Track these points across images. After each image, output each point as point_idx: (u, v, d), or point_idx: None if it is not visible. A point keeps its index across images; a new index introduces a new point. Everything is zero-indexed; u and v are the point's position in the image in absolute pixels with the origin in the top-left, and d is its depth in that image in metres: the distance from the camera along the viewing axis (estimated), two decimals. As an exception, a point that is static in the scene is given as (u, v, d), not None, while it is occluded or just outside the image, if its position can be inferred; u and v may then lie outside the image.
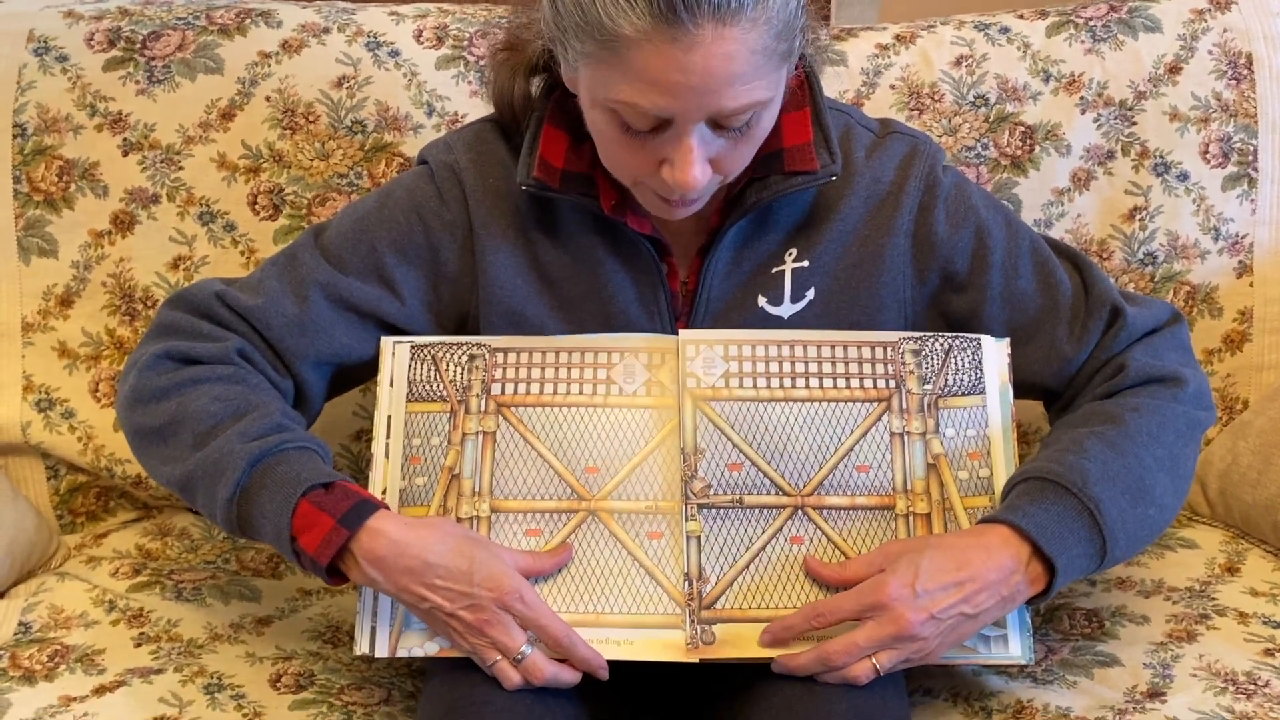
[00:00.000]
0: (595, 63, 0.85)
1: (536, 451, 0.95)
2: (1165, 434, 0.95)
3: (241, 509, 0.90)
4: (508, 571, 0.88)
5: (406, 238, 1.01)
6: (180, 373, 0.96)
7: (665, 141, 0.87)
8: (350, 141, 1.24)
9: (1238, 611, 1.09)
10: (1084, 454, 0.92)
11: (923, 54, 1.29)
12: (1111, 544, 0.90)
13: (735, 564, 0.93)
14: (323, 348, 0.99)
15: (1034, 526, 0.88)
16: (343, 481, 0.90)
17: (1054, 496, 0.90)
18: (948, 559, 0.87)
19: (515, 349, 0.98)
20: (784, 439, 0.95)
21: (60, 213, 1.25)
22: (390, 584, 0.88)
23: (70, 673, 1.02)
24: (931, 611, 0.86)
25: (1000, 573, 0.88)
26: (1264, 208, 1.31)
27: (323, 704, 0.99)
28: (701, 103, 0.84)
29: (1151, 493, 0.93)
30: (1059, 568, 0.88)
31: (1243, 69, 1.30)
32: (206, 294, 1.00)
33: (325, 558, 0.88)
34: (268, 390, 0.97)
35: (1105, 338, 1.01)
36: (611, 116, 0.87)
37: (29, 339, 1.25)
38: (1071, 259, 1.04)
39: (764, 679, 0.90)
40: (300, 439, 0.93)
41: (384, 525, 0.88)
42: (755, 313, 1.00)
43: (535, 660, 0.88)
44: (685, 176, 0.86)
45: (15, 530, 1.15)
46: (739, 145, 0.89)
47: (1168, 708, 0.95)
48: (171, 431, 0.94)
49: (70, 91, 1.24)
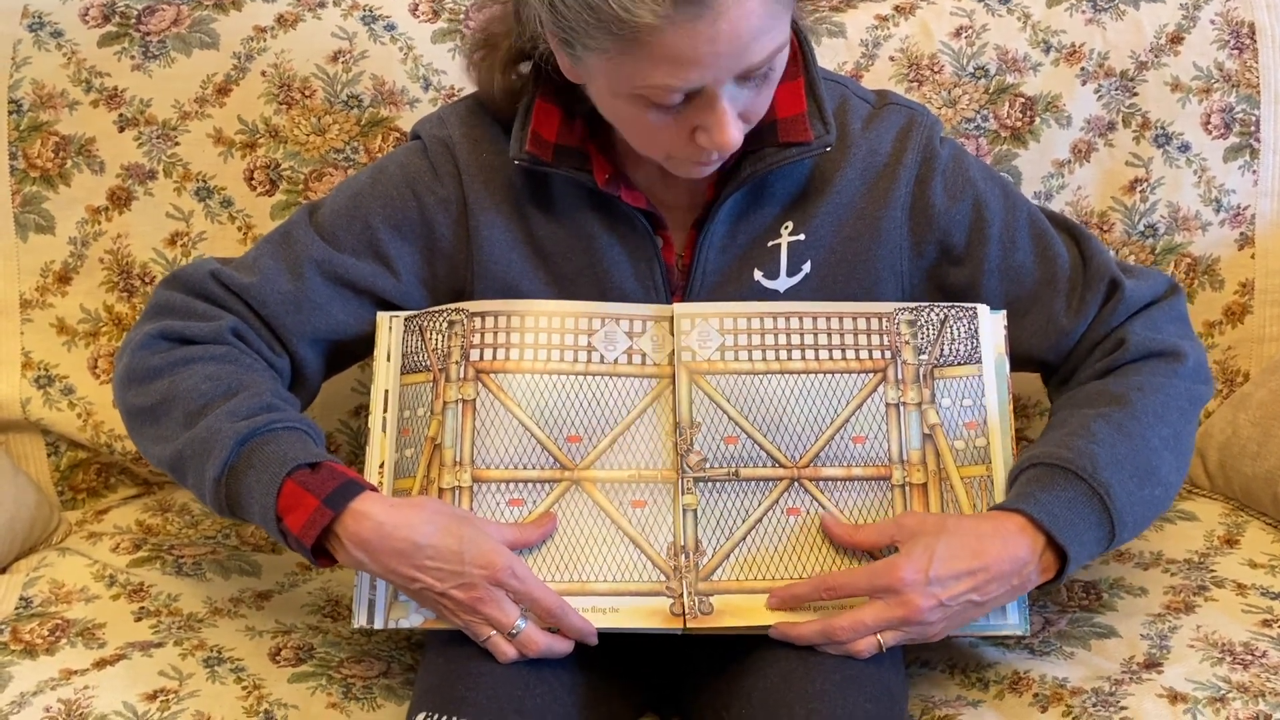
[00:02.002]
0: (615, 56, 0.83)
1: (517, 419, 0.94)
2: (1169, 413, 0.95)
3: (229, 488, 0.90)
4: (498, 548, 0.88)
5: (401, 213, 1.00)
6: (173, 352, 0.96)
7: (697, 110, 0.86)
8: (346, 116, 1.24)
9: (1236, 583, 1.09)
10: (1093, 438, 0.92)
11: (922, 25, 1.29)
12: (1120, 528, 0.91)
13: (732, 536, 0.93)
14: (319, 324, 0.99)
15: (1048, 516, 0.89)
16: (329, 462, 0.90)
17: (1065, 483, 0.90)
18: (963, 546, 0.87)
19: (494, 312, 0.97)
20: (780, 411, 0.95)
21: (57, 189, 1.25)
22: (378, 566, 0.88)
23: (71, 646, 1.03)
24: (941, 599, 0.87)
25: (1014, 564, 0.88)
26: (1266, 179, 1.30)
27: (322, 676, 1.00)
28: (732, 65, 0.84)
29: (1157, 473, 0.93)
30: (1071, 557, 0.89)
31: (1245, 38, 1.29)
32: (202, 273, 1.00)
33: (310, 538, 0.87)
34: (261, 369, 0.97)
35: (1103, 311, 1.01)
36: (639, 102, 0.86)
37: (27, 315, 1.25)
38: (1070, 231, 1.04)
39: (759, 652, 0.91)
40: (290, 419, 0.92)
41: (368, 507, 0.88)
42: (751, 287, 0.99)
43: (530, 633, 0.88)
44: (724, 138, 0.87)
45: (16, 506, 1.16)
46: (762, 91, 0.89)
47: (1164, 678, 0.96)
48: (164, 410, 0.94)
49: (65, 67, 1.24)
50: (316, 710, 0.96)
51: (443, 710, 0.86)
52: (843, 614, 0.88)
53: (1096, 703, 0.94)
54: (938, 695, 0.98)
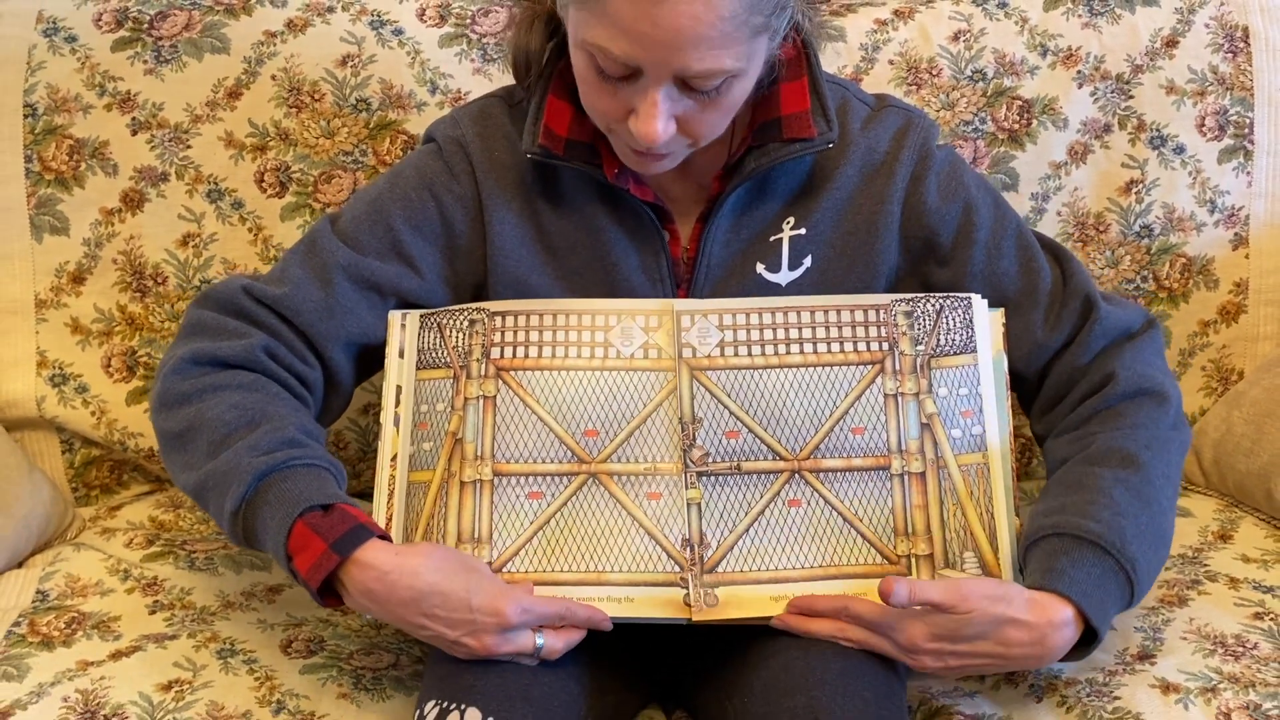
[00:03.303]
0: (578, 4, 0.88)
1: (536, 415, 0.97)
2: (1173, 472, 0.97)
3: (246, 521, 0.91)
4: (504, 591, 0.88)
5: (420, 214, 1.02)
6: (202, 378, 0.96)
7: (635, 92, 0.89)
8: (355, 119, 1.26)
9: (1229, 577, 1.11)
10: (1117, 510, 0.91)
11: (921, 29, 1.31)
12: (1137, 598, 0.92)
13: (735, 529, 0.95)
14: (351, 329, 1.01)
15: (1090, 605, 0.88)
16: (343, 505, 0.90)
17: (1093, 558, 0.90)
18: (996, 639, 0.87)
19: (514, 311, 0.99)
20: (780, 405, 0.97)
21: (71, 191, 1.27)
22: (387, 615, 0.88)
23: (87, 638, 1.04)
24: (951, 665, 0.89)
25: (1053, 652, 0.88)
26: (1260, 180, 1.32)
27: (333, 668, 1.02)
28: (667, 58, 0.86)
29: (1167, 536, 0.95)
30: (1100, 635, 0.90)
31: (1239, 42, 1.31)
32: (233, 289, 1.01)
33: (316, 582, 0.87)
34: (285, 399, 0.97)
35: (1080, 332, 1.02)
36: (589, 59, 0.90)
37: (42, 315, 1.27)
38: (1053, 251, 1.06)
39: (761, 643, 0.92)
40: (309, 456, 0.92)
41: (372, 557, 0.87)
42: (754, 280, 1.01)
43: (550, 646, 0.89)
44: (646, 128, 0.89)
45: (32, 502, 1.18)
46: (707, 111, 0.91)
47: (1157, 669, 0.97)
48: (190, 438, 0.95)
49: (79, 72, 1.26)
50: (327, 701, 0.98)
51: (451, 699, 0.87)
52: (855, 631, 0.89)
53: (1090, 693, 0.96)
54: (936, 686, 0.99)
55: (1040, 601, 0.88)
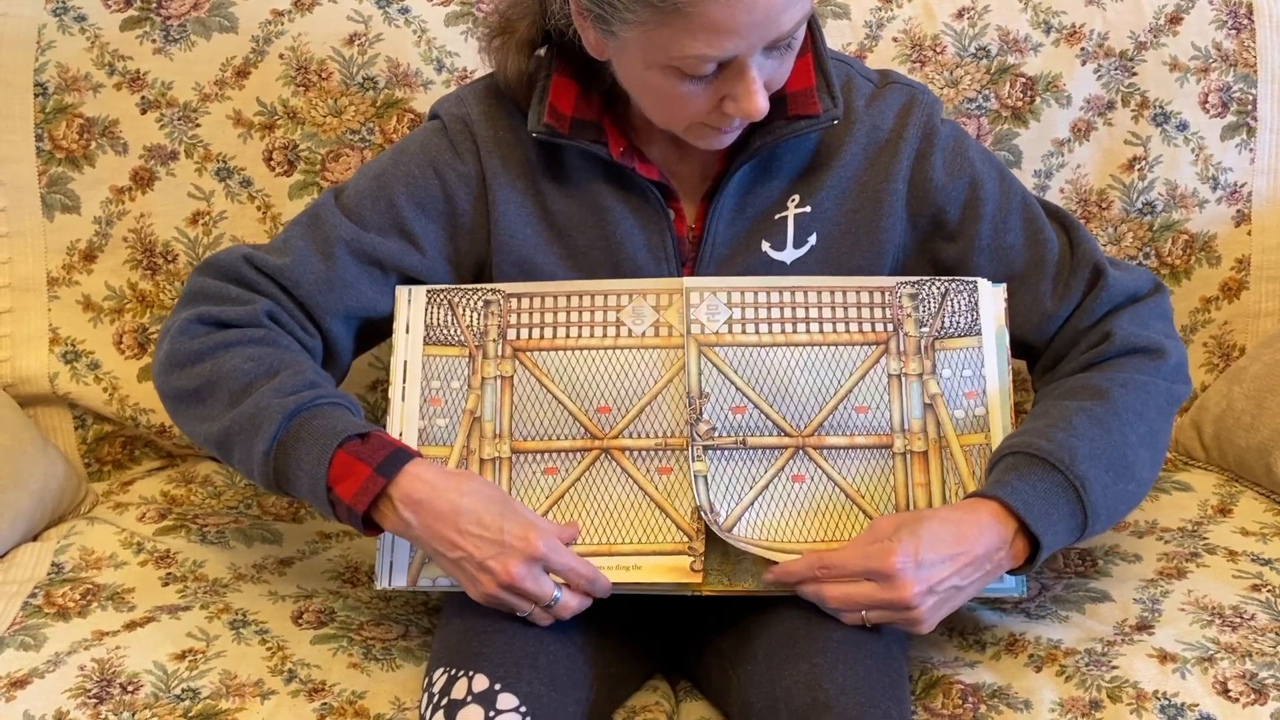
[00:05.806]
0: (653, 28, 0.87)
1: (551, 394, 0.98)
2: (1148, 410, 0.97)
3: (278, 462, 0.93)
4: (537, 524, 0.90)
5: (424, 191, 1.03)
6: (212, 336, 0.98)
7: (726, 79, 0.90)
8: (362, 98, 1.27)
9: (1228, 550, 1.12)
10: (1072, 431, 0.93)
11: (924, 6, 1.31)
12: (1093, 520, 0.93)
13: (740, 502, 0.96)
14: (350, 302, 1.02)
15: (1022, 504, 0.90)
16: (378, 432, 0.93)
17: (1041, 473, 0.92)
18: (945, 532, 0.89)
19: (529, 294, 1.01)
20: (785, 382, 0.98)
21: (82, 170, 1.28)
22: (423, 529, 0.90)
23: (102, 609, 1.06)
24: (930, 584, 0.88)
25: (988, 548, 0.90)
26: (1263, 157, 1.32)
27: (343, 639, 1.03)
28: (764, 34, 0.87)
29: (1132, 469, 0.95)
30: (1043, 544, 0.91)
31: (1243, 18, 1.31)
32: (235, 258, 1.02)
33: (361, 505, 0.90)
34: (298, 350, 0.99)
35: (1087, 299, 1.03)
36: (671, 73, 0.90)
37: (54, 293, 1.29)
38: (1060, 220, 1.06)
39: (764, 614, 0.94)
40: (332, 394, 0.95)
41: (423, 470, 0.91)
42: (759, 257, 1.02)
43: (566, 601, 0.91)
44: (752, 106, 0.90)
45: (46, 477, 1.19)
46: (785, 60, 0.93)
47: (1155, 639, 0.99)
48: (208, 392, 0.96)
49: (89, 51, 1.27)
50: (338, 670, 1.00)
51: (460, 665, 0.89)
52: (835, 587, 0.90)
53: (1089, 663, 0.97)
54: (936, 656, 1.01)
55: (967, 503, 0.91)
